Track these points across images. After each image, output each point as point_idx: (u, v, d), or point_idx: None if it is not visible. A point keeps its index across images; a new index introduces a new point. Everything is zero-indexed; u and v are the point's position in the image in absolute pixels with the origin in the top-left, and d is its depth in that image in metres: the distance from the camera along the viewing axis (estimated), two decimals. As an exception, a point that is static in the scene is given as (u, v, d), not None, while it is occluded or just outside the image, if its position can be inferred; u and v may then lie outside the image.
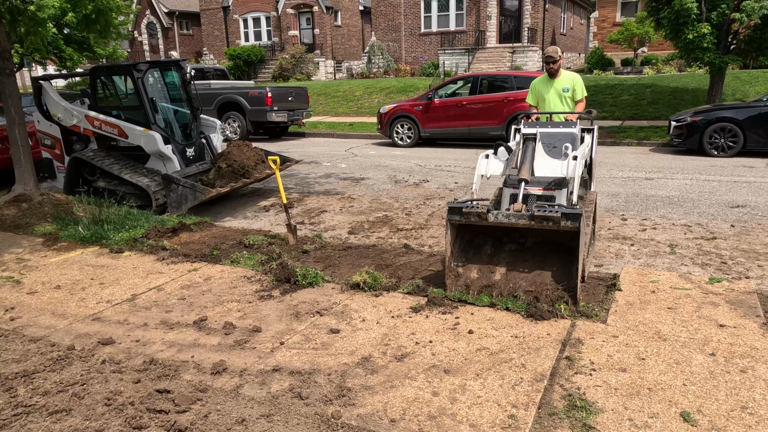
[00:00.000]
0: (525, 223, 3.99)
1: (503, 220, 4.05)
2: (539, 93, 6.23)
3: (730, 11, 12.01)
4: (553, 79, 6.11)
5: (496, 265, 4.35)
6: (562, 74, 6.13)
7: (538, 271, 4.23)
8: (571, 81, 6.09)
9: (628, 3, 24.41)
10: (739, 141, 10.50)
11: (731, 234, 5.88)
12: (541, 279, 4.18)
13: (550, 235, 4.23)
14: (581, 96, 6.11)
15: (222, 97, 15.58)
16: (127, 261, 5.52)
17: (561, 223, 3.85)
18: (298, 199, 8.27)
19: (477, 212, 4.05)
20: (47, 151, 8.56)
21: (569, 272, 4.10)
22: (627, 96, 16.82)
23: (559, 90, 6.08)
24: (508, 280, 4.25)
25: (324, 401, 2.97)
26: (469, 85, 13.54)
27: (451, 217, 4.17)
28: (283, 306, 4.28)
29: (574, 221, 3.84)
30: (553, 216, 3.84)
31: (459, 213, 4.13)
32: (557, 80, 6.10)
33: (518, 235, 4.40)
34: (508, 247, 4.42)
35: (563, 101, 6.10)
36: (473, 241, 4.48)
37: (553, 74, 6.10)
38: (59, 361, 3.49)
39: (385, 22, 29.10)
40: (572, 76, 6.17)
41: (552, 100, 6.10)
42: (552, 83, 6.12)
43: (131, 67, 7.54)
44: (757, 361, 3.24)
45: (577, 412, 2.81)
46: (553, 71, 6.08)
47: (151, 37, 37.28)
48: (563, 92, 6.06)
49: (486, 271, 4.35)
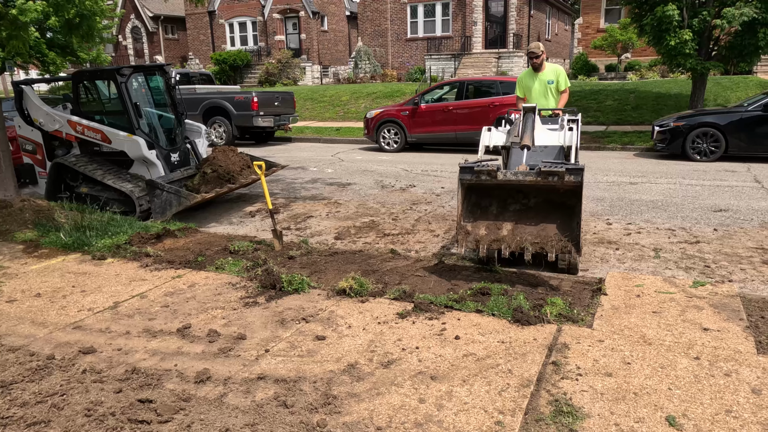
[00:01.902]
0: (532, 180, 4.26)
1: (511, 177, 4.34)
2: (526, 85, 6.53)
3: (711, 18, 12.20)
4: (538, 72, 6.44)
5: (502, 222, 4.62)
6: (546, 67, 6.44)
7: (543, 226, 4.51)
8: (554, 73, 6.43)
9: (611, 9, 24.71)
10: (721, 146, 10.65)
11: (714, 238, 5.94)
12: (546, 233, 4.45)
13: (551, 195, 4.53)
14: (564, 87, 6.46)
15: (207, 101, 15.48)
16: (110, 268, 5.44)
17: (565, 177, 4.13)
18: (284, 205, 8.23)
19: (488, 170, 4.30)
20: (28, 157, 8.43)
21: (570, 226, 4.39)
22: (611, 101, 16.99)
23: (545, 82, 6.40)
24: (514, 235, 4.51)
25: (309, 409, 2.94)
26: (456, 90, 13.59)
27: (462, 176, 4.38)
28: (268, 313, 4.24)
29: (576, 176, 4.14)
30: (558, 171, 4.13)
31: (470, 172, 4.36)
32: (542, 73, 6.42)
33: (521, 196, 4.67)
34: (512, 207, 4.68)
35: (549, 92, 6.43)
36: (479, 203, 4.74)
37: (537, 68, 6.42)
38: (38, 371, 3.42)
39: (371, 27, 29.17)
40: (555, 68, 6.49)
41: (538, 91, 6.41)
42: (537, 76, 6.44)
43: (115, 72, 7.46)
44: (741, 364, 3.26)
45: (563, 417, 2.81)
46: (537, 65, 6.39)
47: (135, 41, 37.01)
48: (548, 84, 6.39)
49: (493, 227, 4.61)
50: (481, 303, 4.18)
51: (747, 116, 10.52)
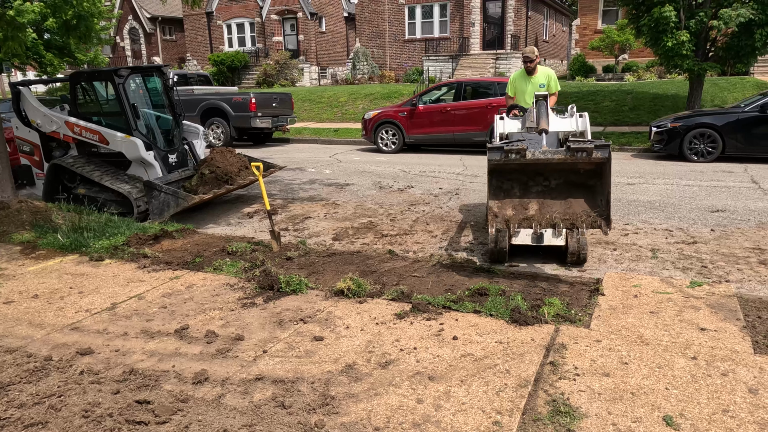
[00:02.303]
0: (561, 158, 4.37)
1: (540, 156, 4.40)
2: (518, 87, 6.77)
3: (708, 19, 12.22)
4: (531, 76, 6.65)
5: (528, 202, 4.71)
6: (538, 71, 6.67)
7: (569, 203, 4.61)
8: (546, 77, 6.67)
9: (609, 11, 24.74)
10: (718, 146, 10.67)
11: (711, 238, 5.96)
12: (572, 210, 4.57)
13: (571, 175, 4.64)
14: (555, 90, 6.68)
15: (205, 103, 15.47)
16: (108, 269, 5.43)
17: (593, 153, 4.26)
18: (282, 206, 8.22)
19: (517, 149, 4.35)
20: (26, 158, 8.41)
21: (594, 204, 4.54)
22: (608, 102, 17.02)
23: (536, 85, 6.59)
24: (542, 214, 4.60)
25: (307, 410, 2.94)
26: (453, 91, 13.60)
27: (491, 156, 4.43)
28: (266, 314, 4.24)
29: (603, 151, 4.30)
30: (587, 147, 4.26)
31: (500, 151, 4.39)
32: (535, 76, 6.64)
33: (542, 179, 4.75)
34: (534, 189, 4.77)
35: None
36: (501, 186, 4.80)
37: (530, 71, 6.63)
38: (36, 372, 3.42)
39: (369, 28, 29.19)
40: (547, 72, 6.73)
41: (530, 94, 6.55)
42: (530, 79, 6.66)
43: (112, 73, 7.45)
44: (738, 364, 3.27)
45: (561, 417, 2.81)
46: (530, 69, 6.61)
47: (133, 42, 36.98)
48: (540, 87, 6.55)
49: (520, 208, 4.68)
50: (478, 303, 4.19)
51: (744, 117, 10.55)
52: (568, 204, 4.60)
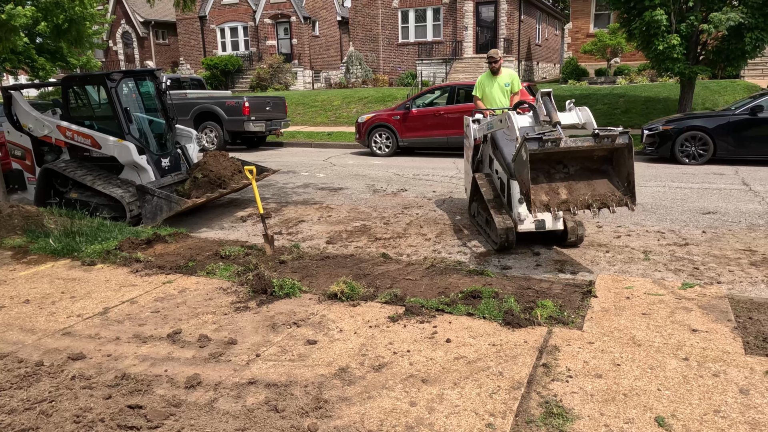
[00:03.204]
0: (589, 145, 4.77)
1: (572, 144, 4.78)
2: (484, 87, 7.45)
3: (699, 23, 12.33)
4: (496, 76, 7.37)
5: (556, 187, 5.04)
6: (502, 72, 7.40)
7: (592, 186, 5.00)
8: (509, 77, 7.41)
9: (601, 14, 24.91)
10: (710, 149, 10.75)
11: (703, 240, 6.00)
12: (599, 191, 4.95)
13: (587, 162, 5.06)
14: (518, 89, 7.43)
15: (198, 106, 15.44)
16: (100, 274, 5.41)
17: (617, 139, 4.69)
18: (275, 209, 8.21)
19: (552, 138, 4.71)
20: (17, 162, 8.36)
21: (614, 185, 4.96)
22: (601, 105, 17.12)
23: (501, 84, 7.35)
24: (574, 197, 4.95)
25: (300, 414, 2.93)
26: (447, 94, 13.64)
27: (530, 145, 4.74)
28: (259, 317, 4.23)
29: (625, 138, 4.73)
30: (612, 134, 4.68)
31: (538, 141, 4.72)
32: (499, 77, 7.37)
33: (562, 166, 5.11)
34: (557, 176, 5.10)
35: (504, 93, 7.39)
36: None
37: (495, 72, 7.36)
38: (27, 377, 3.39)
39: (362, 32, 29.25)
40: (510, 73, 7.49)
41: (495, 92, 7.32)
42: (495, 79, 7.37)
43: (104, 77, 7.43)
44: (729, 365, 3.29)
45: (554, 419, 2.82)
46: (495, 69, 7.34)
47: (126, 46, 36.90)
48: (505, 86, 7.33)
49: (551, 193, 5.00)
50: (472, 306, 4.20)
51: (735, 120, 10.64)
52: (592, 186, 5.01)
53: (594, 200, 4.89)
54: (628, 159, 4.82)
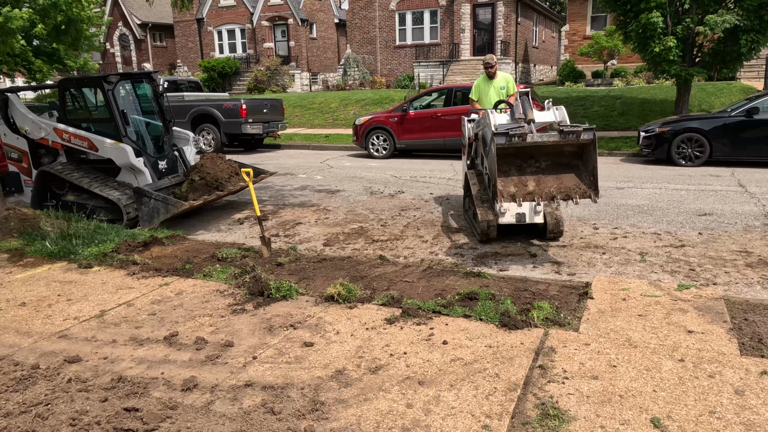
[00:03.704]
0: (555, 140, 5.01)
1: (538, 139, 5.03)
2: (481, 90, 7.71)
3: (695, 25, 12.37)
4: (492, 80, 7.63)
5: (525, 180, 5.32)
6: (498, 75, 7.67)
7: (560, 179, 5.26)
8: (505, 80, 7.66)
9: (597, 17, 24.97)
10: (706, 151, 10.79)
11: (699, 241, 6.01)
12: (565, 185, 5.20)
13: (558, 158, 5.30)
14: (513, 91, 7.59)
15: (196, 109, 15.44)
16: (96, 276, 5.40)
17: (581, 135, 4.94)
18: (272, 212, 8.21)
19: (519, 133, 5.00)
20: (14, 165, 8.35)
21: (582, 179, 5.21)
22: (598, 107, 17.16)
23: (498, 87, 7.59)
24: (541, 189, 5.20)
25: (297, 416, 2.93)
26: (444, 96, 13.66)
27: (498, 140, 5.04)
28: (256, 320, 4.23)
29: (589, 134, 5.00)
30: (577, 130, 4.93)
31: (505, 136, 5.02)
32: (495, 80, 7.63)
33: (533, 161, 5.37)
34: (528, 170, 5.37)
35: (500, 96, 7.54)
36: (501, 169, 5.37)
37: (491, 76, 7.62)
38: (23, 380, 3.39)
39: (360, 34, 29.27)
40: (506, 76, 7.74)
41: (492, 96, 7.55)
42: (491, 83, 7.64)
43: (101, 79, 7.42)
44: (725, 366, 3.30)
45: (550, 420, 2.82)
46: (491, 74, 7.61)
47: (123, 49, 36.86)
48: (500, 90, 7.58)
49: (520, 185, 5.27)
50: (468, 308, 4.20)
51: (730, 121, 10.67)
52: (560, 180, 5.26)
53: (559, 192, 5.14)
54: (593, 154, 5.08)
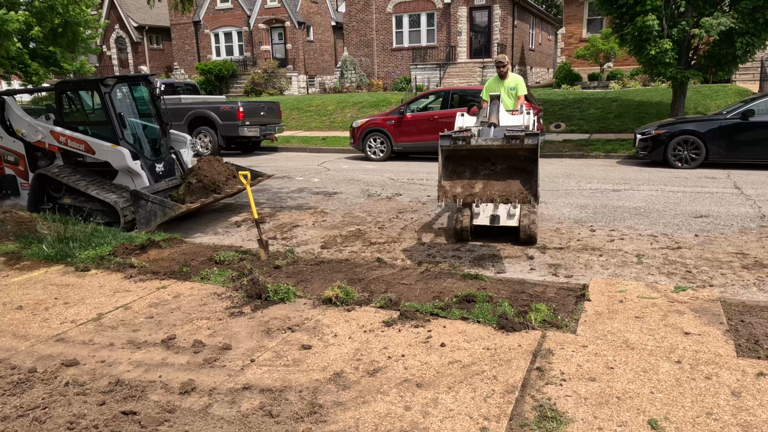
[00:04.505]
0: (498, 144, 5.12)
1: (482, 143, 5.20)
2: (492, 90, 7.52)
3: (690, 28, 12.42)
4: (503, 80, 7.61)
5: (475, 182, 5.46)
6: (509, 76, 7.64)
7: (508, 183, 5.35)
8: (515, 81, 7.63)
9: (593, 20, 25.06)
10: (702, 153, 10.82)
11: (695, 243, 6.04)
12: (510, 189, 5.30)
13: (514, 161, 5.36)
14: (522, 93, 7.63)
15: (193, 112, 15.43)
16: (94, 279, 5.39)
17: (525, 141, 4.99)
18: (270, 214, 8.21)
19: (463, 137, 5.16)
20: (10, 168, 8.33)
21: (530, 183, 5.22)
22: (594, 110, 17.21)
23: (508, 88, 7.57)
24: (485, 191, 5.34)
25: (295, 419, 2.93)
26: (441, 99, 13.68)
27: (442, 143, 5.20)
28: (253, 323, 4.22)
29: (533, 139, 5.02)
30: (519, 135, 5.01)
31: (449, 139, 5.17)
32: (506, 81, 7.60)
33: (489, 164, 5.48)
34: (482, 172, 5.51)
35: (510, 96, 7.58)
36: (456, 170, 5.57)
37: (502, 76, 7.61)
38: (20, 384, 3.38)
39: (357, 37, 29.31)
40: (516, 78, 7.71)
41: (502, 96, 7.41)
42: (502, 83, 7.60)
43: (98, 82, 7.42)
44: (721, 367, 3.31)
45: (548, 422, 2.83)
46: (503, 73, 7.59)
47: (120, 51, 36.81)
48: (510, 90, 7.57)
49: (467, 186, 5.41)
50: (466, 310, 4.21)
51: (726, 124, 10.71)
52: (508, 184, 5.35)
53: (499, 195, 5.26)
54: (536, 159, 5.18)
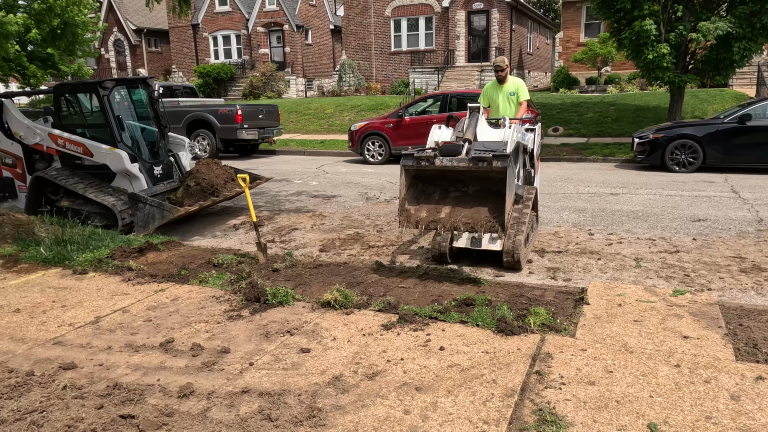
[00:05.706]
0: (465, 166, 4.64)
1: (447, 163, 4.70)
2: (490, 96, 7.15)
3: (687, 32, 12.47)
4: (502, 85, 7.05)
5: (442, 206, 4.99)
6: (509, 80, 7.07)
7: (477, 209, 4.88)
8: (515, 86, 7.05)
9: (591, 24, 25.14)
10: (699, 157, 10.86)
11: (693, 247, 6.05)
12: (478, 215, 4.83)
13: (487, 183, 4.91)
14: (524, 98, 7.03)
15: (191, 114, 15.42)
16: (91, 282, 5.37)
17: (493, 163, 4.51)
18: (268, 217, 8.20)
19: (426, 156, 4.70)
20: (8, 170, 8.31)
21: (501, 209, 4.71)
22: (592, 114, 17.25)
23: (507, 93, 7.04)
24: (450, 217, 4.88)
25: (294, 422, 2.92)
26: (439, 103, 13.71)
27: (405, 162, 4.77)
28: (252, 326, 4.21)
29: (503, 162, 4.51)
30: (487, 157, 4.54)
31: (412, 158, 4.75)
32: (505, 85, 7.04)
33: (461, 185, 5.05)
34: (453, 194, 5.06)
35: (510, 102, 7.05)
36: (425, 191, 5.13)
37: (501, 80, 7.04)
38: (17, 387, 3.36)
39: (355, 41, 29.36)
40: (517, 82, 7.11)
41: (501, 102, 7.03)
42: (501, 88, 7.06)
43: (97, 85, 7.41)
44: (720, 371, 3.32)
45: (547, 426, 2.83)
46: (501, 78, 7.02)
47: (118, 54, 36.81)
48: (510, 95, 7.03)
49: (433, 210, 4.97)
50: (465, 314, 4.21)
51: (723, 128, 10.75)
52: (476, 210, 4.88)
53: (464, 223, 4.80)
54: (505, 184, 4.59)
